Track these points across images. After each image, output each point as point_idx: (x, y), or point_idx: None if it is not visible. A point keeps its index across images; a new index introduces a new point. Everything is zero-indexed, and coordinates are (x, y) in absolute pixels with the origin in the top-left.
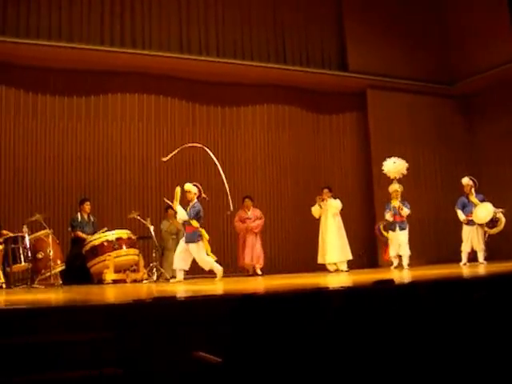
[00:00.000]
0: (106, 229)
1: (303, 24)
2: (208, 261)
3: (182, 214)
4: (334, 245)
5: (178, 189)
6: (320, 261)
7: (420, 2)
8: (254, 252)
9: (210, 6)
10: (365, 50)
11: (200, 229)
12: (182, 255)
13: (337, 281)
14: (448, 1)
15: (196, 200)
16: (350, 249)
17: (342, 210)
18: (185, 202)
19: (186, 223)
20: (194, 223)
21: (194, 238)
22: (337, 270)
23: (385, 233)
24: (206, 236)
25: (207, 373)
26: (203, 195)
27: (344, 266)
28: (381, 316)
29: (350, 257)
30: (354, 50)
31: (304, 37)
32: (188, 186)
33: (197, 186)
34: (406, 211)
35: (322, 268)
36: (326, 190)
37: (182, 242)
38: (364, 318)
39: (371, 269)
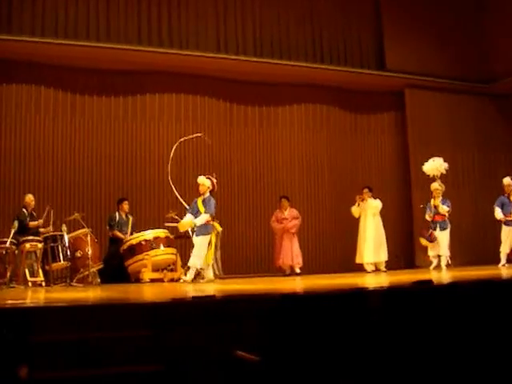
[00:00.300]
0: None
1: (341, 23)
2: (199, 258)
3: (202, 219)
4: (372, 245)
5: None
6: (358, 260)
7: (458, 1)
8: (292, 252)
9: (248, 5)
10: (403, 48)
11: (212, 222)
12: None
13: (375, 281)
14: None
15: (208, 194)
16: (389, 250)
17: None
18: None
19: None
20: (207, 217)
21: (205, 230)
22: (374, 270)
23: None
24: (219, 228)
25: (246, 371)
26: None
27: (383, 266)
28: (420, 316)
29: (386, 257)
30: (392, 48)
31: (342, 36)
32: (201, 180)
33: (210, 179)
34: (443, 208)
35: (360, 268)
36: (366, 190)
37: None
38: (403, 318)
39: (408, 269)
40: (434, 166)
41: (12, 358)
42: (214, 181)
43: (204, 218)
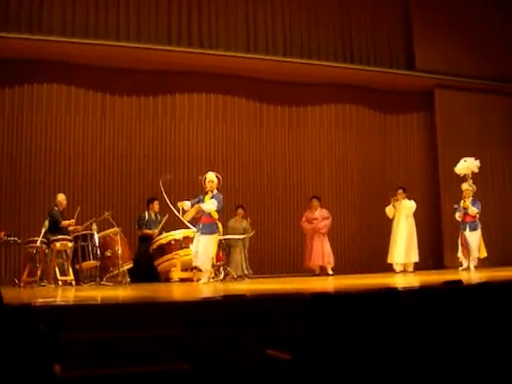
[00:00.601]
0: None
1: (370, 23)
2: (208, 259)
3: (211, 205)
4: (403, 246)
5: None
6: (389, 260)
7: (489, 1)
8: (323, 253)
9: (277, 5)
10: (432, 48)
11: (217, 221)
12: None
13: (405, 281)
14: None
15: (217, 191)
16: (418, 250)
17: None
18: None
19: (204, 213)
20: (215, 214)
21: (211, 229)
22: (402, 271)
23: None
24: (221, 230)
25: (276, 370)
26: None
27: (411, 268)
28: (450, 316)
29: (417, 259)
30: (422, 48)
31: (371, 36)
32: (211, 176)
33: (218, 177)
34: (472, 210)
35: (389, 268)
36: (400, 191)
37: (197, 237)
38: (433, 318)
39: (437, 270)
40: (466, 165)
41: (48, 355)
42: (220, 178)
43: (212, 205)
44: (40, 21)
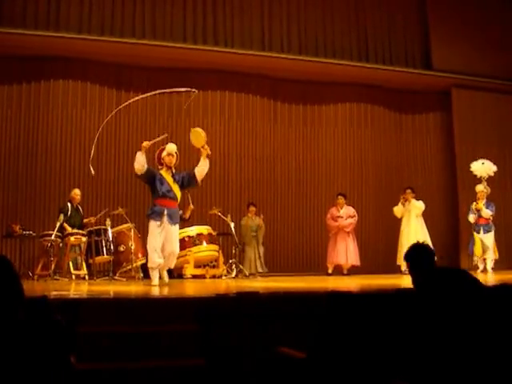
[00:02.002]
0: None
1: (386, 22)
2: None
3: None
4: None
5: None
6: (398, 262)
7: (506, 1)
8: (347, 251)
9: (293, 3)
10: (449, 47)
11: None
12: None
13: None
14: None
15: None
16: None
17: (424, 211)
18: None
19: (170, 195)
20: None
21: (177, 217)
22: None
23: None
24: None
25: (290, 367)
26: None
27: None
28: (464, 318)
29: None
30: (439, 47)
31: (387, 34)
32: (173, 148)
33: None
34: (486, 212)
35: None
36: (409, 191)
37: (159, 231)
38: (447, 319)
39: None
40: (484, 168)
41: (65, 346)
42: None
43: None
44: (57, 18)
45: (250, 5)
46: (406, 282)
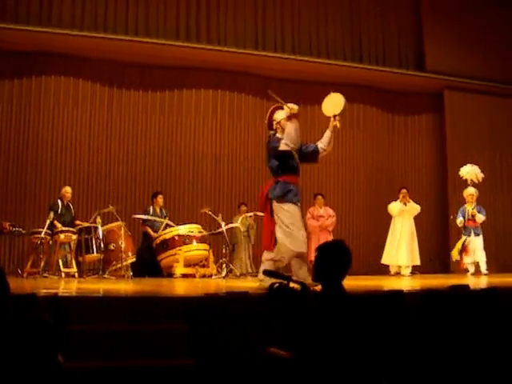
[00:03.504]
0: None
1: (380, 23)
2: None
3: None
4: (408, 248)
5: None
6: (386, 261)
7: (499, 3)
8: None
9: (287, 2)
10: (443, 49)
11: None
12: None
13: (409, 284)
14: None
15: None
16: (423, 253)
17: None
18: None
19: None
20: None
21: None
22: (398, 274)
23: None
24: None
25: (277, 367)
26: None
27: (407, 271)
28: (455, 321)
29: (419, 262)
30: (432, 49)
31: (381, 35)
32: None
33: None
34: (480, 217)
35: (384, 271)
36: (405, 191)
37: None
38: (438, 322)
39: (443, 274)
40: (473, 172)
41: (53, 344)
42: None
43: None
44: (49, 14)
45: (243, 3)
46: (394, 283)
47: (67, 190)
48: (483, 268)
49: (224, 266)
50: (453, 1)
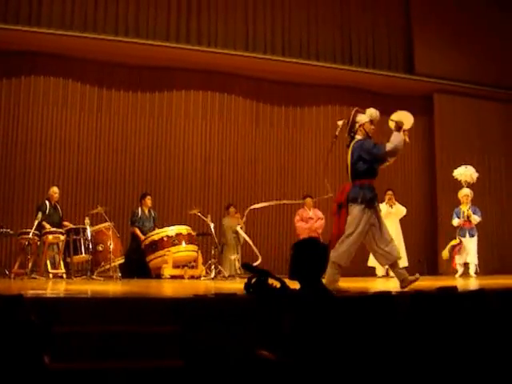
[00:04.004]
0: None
1: (370, 25)
2: None
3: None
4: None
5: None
6: (373, 264)
7: (490, 5)
8: None
9: (277, 4)
10: (432, 52)
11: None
12: None
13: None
14: None
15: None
16: (411, 255)
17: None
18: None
19: None
20: None
21: None
22: (385, 276)
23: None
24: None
25: (266, 369)
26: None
27: None
28: (443, 323)
29: (407, 263)
30: (422, 52)
31: (371, 38)
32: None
33: None
34: (476, 219)
35: (371, 273)
36: (391, 193)
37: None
38: (426, 324)
39: (431, 276)
40: (467, 173)
41: (38, 346)
42: None
43: None
44: (39, 14)
45: (234, 5)
46: (383, 285)
47: (55, 191)
48: (472, 271)
49: (213, 267)
50: (443, 4)
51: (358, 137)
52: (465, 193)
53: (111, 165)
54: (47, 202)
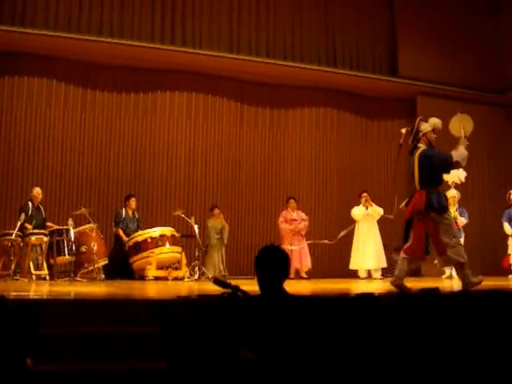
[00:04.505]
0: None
1: (355, 27)
2: None
3: None
4: (375, 251)
5: None
6: (354, 267)
7: (474, 9)
8: (300, 255)
9: (262, 6)
10: (416, 55)
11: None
12: None
13: (381, 287)
14: (503, 9)
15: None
16: (395, 257)
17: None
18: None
19: None
20: None
21: None
22: (367, 277)
23: None
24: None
25: (249, 372)
26: None
27: (379, 273)
28: (425, 323)
29: (386, 264)
30: (405, 55)
31: (355, 40)
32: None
33: None
34: (462, 221)
35: (354, 274)
36: (367, 194)
37: None
38: (407, 325)
39: (414, 277)
40: (455, 173)
41: (21, 348)
42: None
43: None
44: (23, 14)
45: (219, 7)
46: (366, 286)
47: (38, 191)
48: (454, 272)
49: (197, 268)
50: (427, 7)
51: (421, 145)
52: (452, 194)
53: (95, 165)
54: (30, 203)
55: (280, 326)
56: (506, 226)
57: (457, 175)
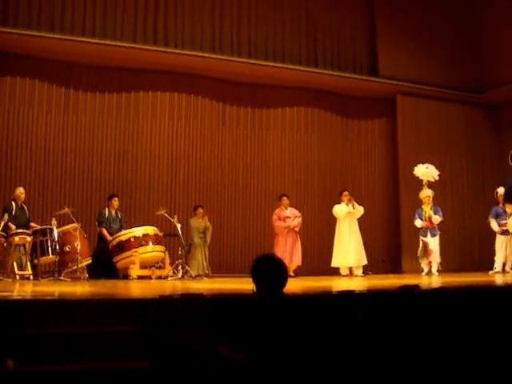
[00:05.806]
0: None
1: (335, 28)
2: None
3: None
4: (356, 249)
5: None
6: (336, 264)
7: (453, 10)
8: (294, 252)
9: (244, 7)
10: (396, 55)
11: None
12: None
13: (362, 284)
14: (482, 9)
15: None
16: (376, 254)
17: (367, 214)
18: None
19: None
20: None
21: None
22: (349, 275)
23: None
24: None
25: (231, 370)
26: None
27: (360, 271)
28: (405, 320)
29: (366, 262)
30: (385, 55)
31: (336, 40)
32: None
33: None
34: (437, 219)
35: (335, 272)
36: (348, 193)
37: None
38: (388, 322)
39: (395, 274)
40: (428, 172)
41: (3, 349)
42: None
43: None
44: (5, 13)
45: (201, 7)
46: (347, 284)
47: (21, 191)
48: (434, 269)
49: (180, 267)
50: (407, 7)
51: None
52: (426, 194)
53: (78, 165)
54: (14, 203)
55: (272, 324)
56: (493, 222)
57: (430, 174)
